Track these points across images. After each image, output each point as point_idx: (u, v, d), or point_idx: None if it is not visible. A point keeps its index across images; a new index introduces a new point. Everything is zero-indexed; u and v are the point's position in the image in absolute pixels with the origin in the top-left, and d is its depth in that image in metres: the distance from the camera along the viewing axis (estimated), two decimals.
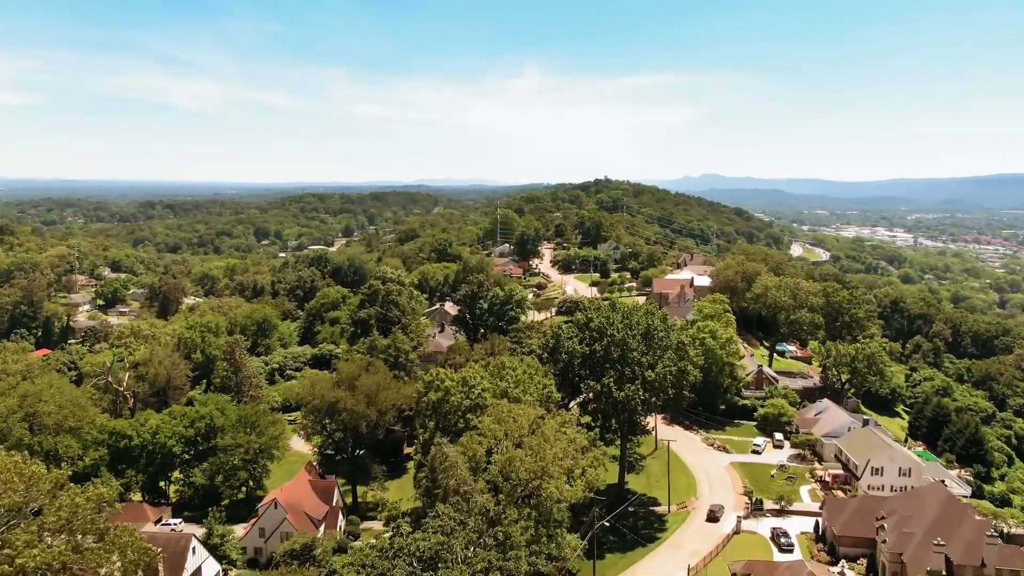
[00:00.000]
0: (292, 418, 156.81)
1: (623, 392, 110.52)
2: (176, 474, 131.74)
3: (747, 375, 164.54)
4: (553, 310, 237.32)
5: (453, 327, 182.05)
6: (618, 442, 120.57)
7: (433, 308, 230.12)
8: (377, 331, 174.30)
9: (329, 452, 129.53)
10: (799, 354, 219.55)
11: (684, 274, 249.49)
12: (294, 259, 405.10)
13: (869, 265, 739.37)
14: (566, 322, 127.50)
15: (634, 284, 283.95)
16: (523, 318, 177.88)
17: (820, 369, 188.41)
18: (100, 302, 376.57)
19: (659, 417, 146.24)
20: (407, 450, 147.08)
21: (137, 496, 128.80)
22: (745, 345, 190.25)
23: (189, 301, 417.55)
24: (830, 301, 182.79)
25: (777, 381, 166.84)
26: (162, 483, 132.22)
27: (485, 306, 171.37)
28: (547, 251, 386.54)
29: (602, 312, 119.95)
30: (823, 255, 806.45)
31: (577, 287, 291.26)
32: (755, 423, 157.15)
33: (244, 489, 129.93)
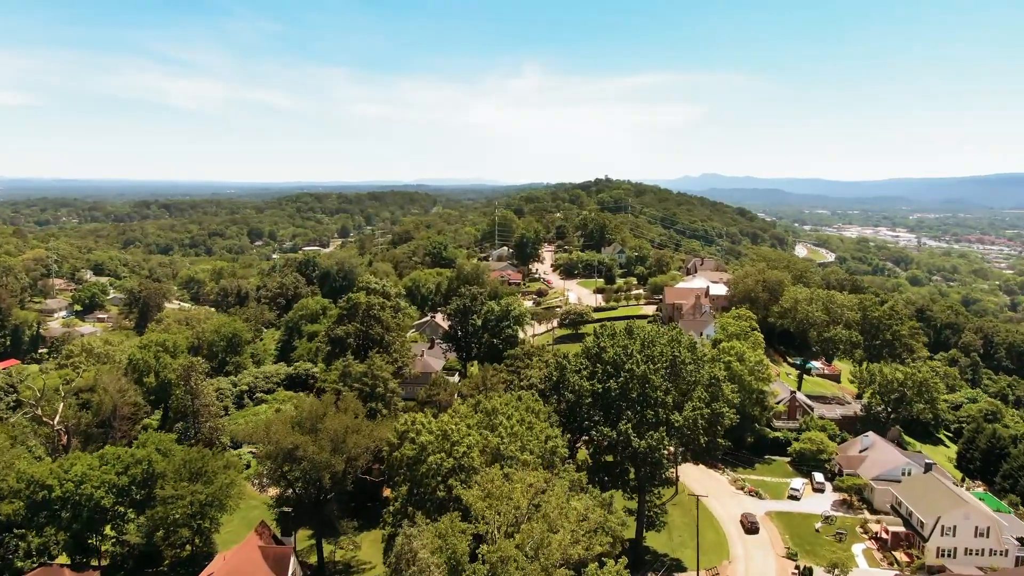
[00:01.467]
0: (255, 450, 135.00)
1: (644, 441, 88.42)
2: (108, 530, 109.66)
3: (778, 403, 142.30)
4: (555, 321, 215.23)
5: (444, 344, 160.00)
6: (634, 491, 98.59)
7: (423, 320, 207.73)
8: (356, 352, 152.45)
9: (286, 510, 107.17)
10: (826, 371, 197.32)
11: (697, 282, 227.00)
12: (283, 262, 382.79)
13: (876, 267, 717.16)
14: (575, 355, 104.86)
15: (641, 291, 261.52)
16: (521, 334, 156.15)
17: (856, 392, 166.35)
18: (77, 308, 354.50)
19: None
20: (387, 492, 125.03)
21: (62, 558, 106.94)
22: (769, 363, 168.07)
23: (174, 306, 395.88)
24: (867, 316, 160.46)
25: (812, 409, 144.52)
26: (92, 540, 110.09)
27: (479, 322, 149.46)
28: (547, 254, 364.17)
29: (617, 340, 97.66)
30: (828, 256, 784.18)
31: (580, 294, 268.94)
32: (789, 459, 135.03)
33: (189, 547, 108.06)
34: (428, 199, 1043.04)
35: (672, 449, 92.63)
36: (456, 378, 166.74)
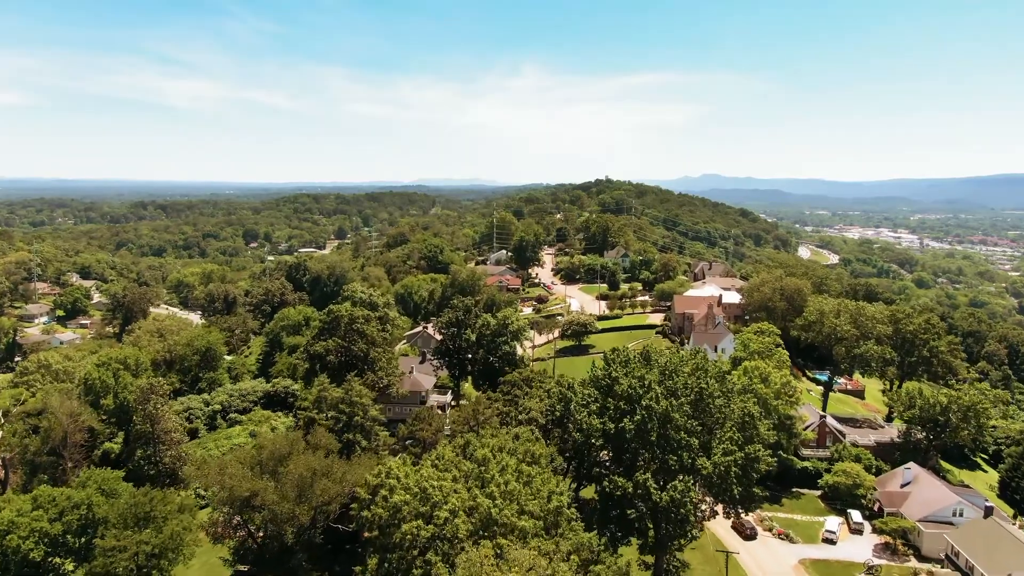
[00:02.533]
0: (205, 493, 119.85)
1: (667, 493, 73.01)
2: None
3: (806, 428, 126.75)
4: (556, 331, 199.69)
5: (435, 359, 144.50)
6: (653, 549, 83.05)
7: (414, 331, 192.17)
8: (337, 370, 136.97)
9: (241, 569, 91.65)
10: (849, 386, 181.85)
11: (708, 289, 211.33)
12: (274, 265, 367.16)
13: (881, 269, 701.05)
14: (582, 383, 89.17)
15: (647, 298, 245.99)
16: (520, 350, 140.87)
17: (887, 413, 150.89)
18: (60, 313, 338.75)
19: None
20: (367, 534, 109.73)
21: None
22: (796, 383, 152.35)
23: (162, 311, 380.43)
24: (900, 330, 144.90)
25: (844, 435, 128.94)
26: None
27: (472, 337, 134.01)
28: (548, 257, 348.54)
29: (632, 369, 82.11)
30: (832, 257, 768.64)
31: (583, 301, 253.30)
32: (820, 493, 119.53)
33: None
34: (427, 200, 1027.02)
35: (698, 498, 76.84)
36: (449, 397, 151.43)
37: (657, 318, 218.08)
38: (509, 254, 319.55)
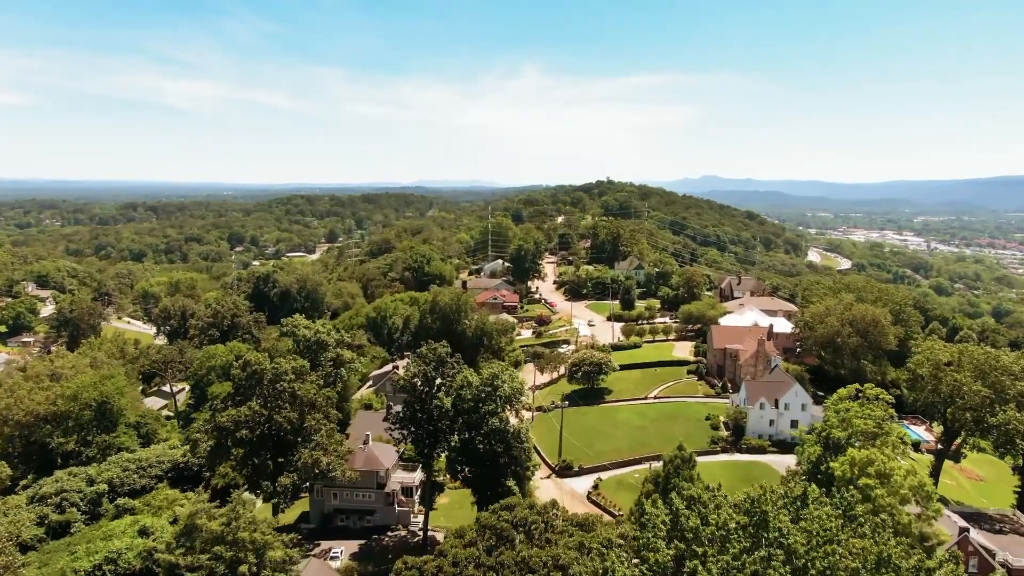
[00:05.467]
0: None
1: None
2: None
3: (946, 549, 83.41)
4: (562, 368, 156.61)
5: (400, 428, 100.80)
6: None
7: (383, 371, 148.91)
8: (254, 450, 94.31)
9: None
10: (930, 436, 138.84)
11: (749, 314, 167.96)
12: (245, 275, 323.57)
13: (896, 274, 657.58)
14: (640, 564, 45.88)
15: (669, 320, 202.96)
16: (514, 419, 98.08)
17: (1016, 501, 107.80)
18: (1, 329, 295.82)
19: None
20: None
21: None
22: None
23: (125, 325, 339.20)
24: None
25: (993, 555, 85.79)
26: None
27: (447, 404, 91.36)
28: (549, 266, 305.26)
29: (733, 552, 38.94)
30: (843, 262, 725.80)
31: (594, 323, 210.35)
32: None
33: None
34: (424, 201, 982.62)
35: None
36: (418, 476, 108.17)
37: (684, 348, 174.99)
38: (506, 264, 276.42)
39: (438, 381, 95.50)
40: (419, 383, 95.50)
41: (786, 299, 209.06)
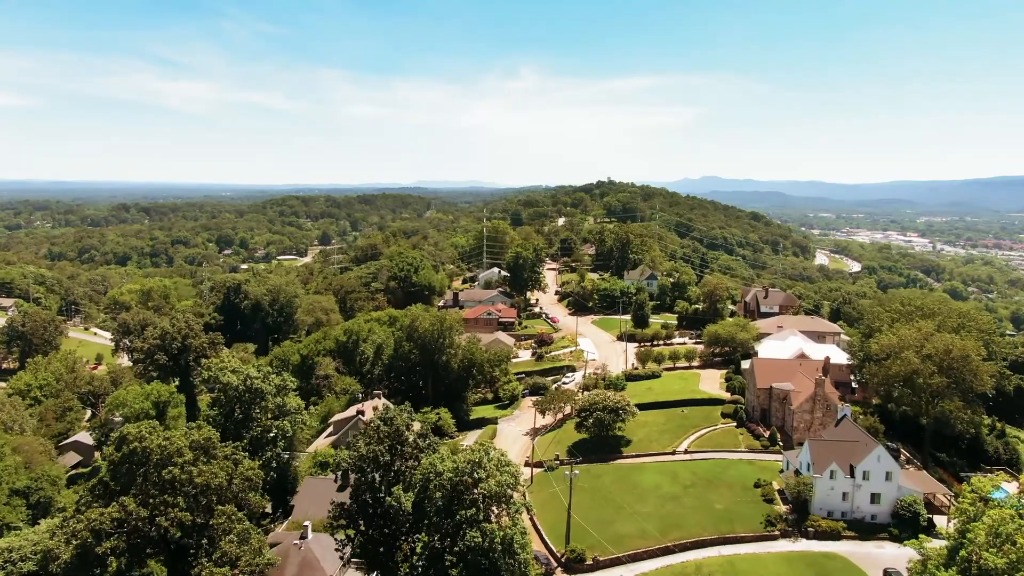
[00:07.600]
0: None
1: None
2: None
3: None
4: (568, 409, 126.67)
5: (344, 527, 69.56)
6: None
7: (345, 415, 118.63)
8: (133, 558, 64.90)
9: None
10: (1013, 490, 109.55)
11: (792, 339, 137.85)
12: (219, 284, 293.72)
13: (909, 278, 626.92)
14: None
15: (689, 341, 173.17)
16: (506, 519, 68.41)
17: None
18: None
19: None
20: None
21: None
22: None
23: (90, 337, 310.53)
24: None
25: None
26: None
27: (407, 504, 61.52)
28: (550, 272, 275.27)
29: None
30: (852, 265, 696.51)
31: (599, 342, 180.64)
32: None
33: None
34: (422, 202, 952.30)
35: None
36: None
37: (712, 379, 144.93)
38: (502, 273, 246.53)
39: (396, 466, 65.53)
40: (368, 469, 65.54)
41: (818, 316, 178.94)
